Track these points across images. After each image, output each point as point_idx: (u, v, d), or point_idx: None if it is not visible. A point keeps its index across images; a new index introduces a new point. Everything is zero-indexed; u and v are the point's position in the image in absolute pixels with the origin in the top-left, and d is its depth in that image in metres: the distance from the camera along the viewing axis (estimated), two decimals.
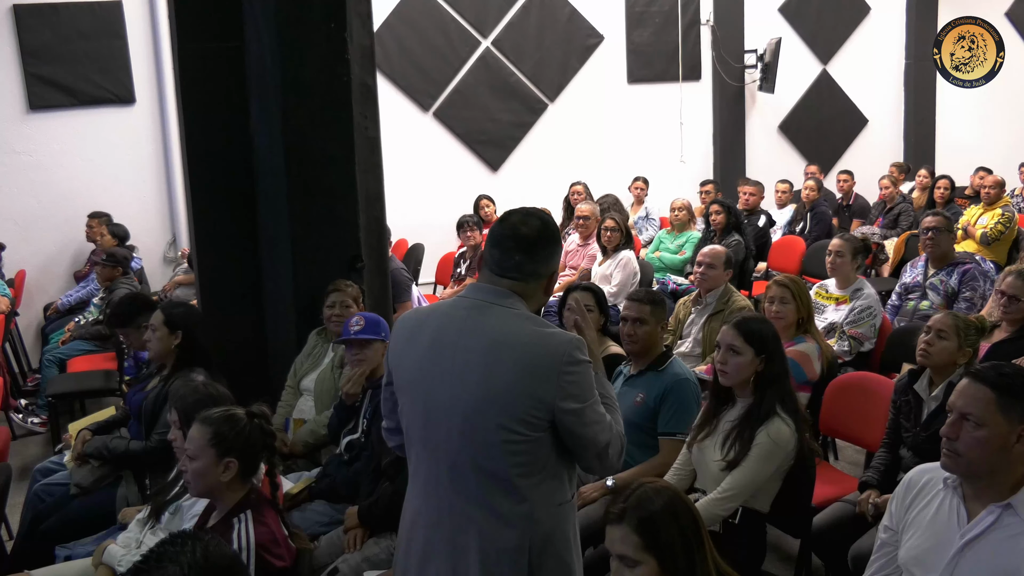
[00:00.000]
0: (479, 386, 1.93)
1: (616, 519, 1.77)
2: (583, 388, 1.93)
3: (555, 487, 1.99)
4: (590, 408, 1.94)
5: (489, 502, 1.95)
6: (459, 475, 1.98)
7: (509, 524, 1.95)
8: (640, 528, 1.74)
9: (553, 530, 1.99)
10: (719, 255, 4.65)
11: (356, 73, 3.93)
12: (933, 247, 4.93)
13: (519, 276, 2.00)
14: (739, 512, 2.76)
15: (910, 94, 10.51)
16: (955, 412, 2.03)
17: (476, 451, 1.94)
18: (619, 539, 1.76)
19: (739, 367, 2.85)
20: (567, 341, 1.94)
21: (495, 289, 2.00)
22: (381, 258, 4.29)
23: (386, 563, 2.92)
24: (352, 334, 3.35)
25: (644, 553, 1.73)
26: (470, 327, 1.98)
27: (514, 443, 1.92)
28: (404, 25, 8.48)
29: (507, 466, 1.93)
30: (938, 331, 3.17)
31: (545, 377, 1.90)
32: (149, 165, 7.54)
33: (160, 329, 3.60)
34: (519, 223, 2.02)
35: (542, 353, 1.91)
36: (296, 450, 3.68)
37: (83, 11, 7.21)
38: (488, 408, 1.92)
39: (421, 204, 8.22)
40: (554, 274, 2.09)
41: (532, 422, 1.91)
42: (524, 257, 2.00)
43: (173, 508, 2.80)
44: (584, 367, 1.94)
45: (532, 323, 1.97)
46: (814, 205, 7.73)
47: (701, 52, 9.59)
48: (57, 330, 6.39)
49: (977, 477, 2.04)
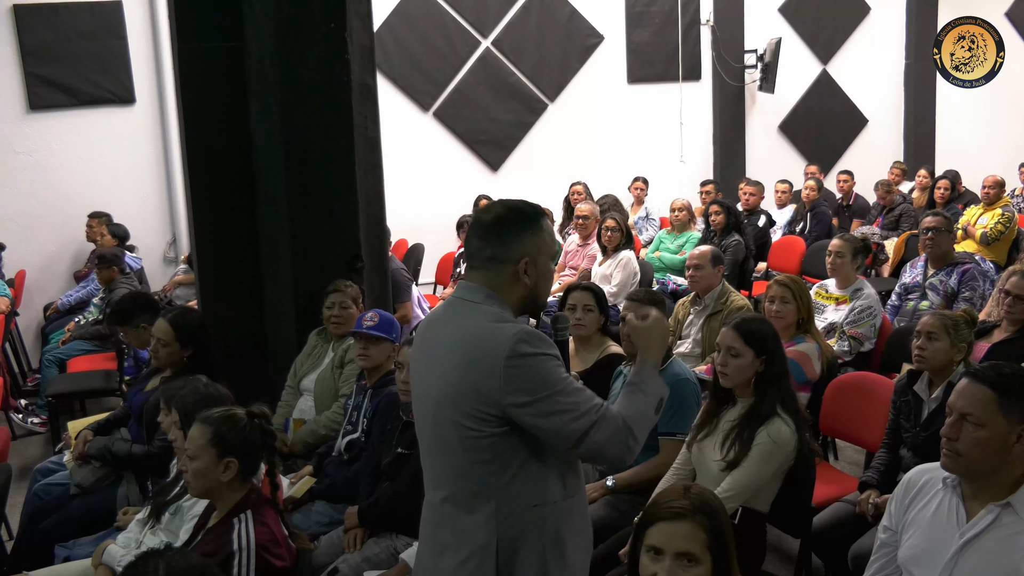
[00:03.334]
0: (441, 383, 1.95)
1: (678, 515, 1.75)
2: (534, 380, 1.86)
3: (530, 488, 1.93)
4: (547, 400, 1.85)
5: (459, 498, 1.96)
6: (437, 470, 2.01)
7: (475, 522, 1.93)
8: (708, 526, 1.74)
9: (525, 532, 1.93)
10: (704, 255, 4.67)
11: (356, 73, 3.93)
12: (933, 247, 4.93)
13: (481, 263, 1.99)
14: (739, 512, 2.76)
15: (910, 94, 10.51)
16: (955, 412, 2.03)
17: (444, 448, 1.96)
18: (684, 536, 1.73)
19: (739, 369, 2.84)
20: (512, 335, 1.87)
21: (468, 286, 2.02)
22: (381, 258, 4.29)
23: (386, 563, 2.92)
24: (364, 328, 3.36)
25: (707, 552, 1.73)
26: (443, 325, 2.03)
27: (470, 439, 1.91)
28: (404, 25, 8.48)
29: (469, 463, 1.93)
30: (928, 334, 3.17)
31: (488, 372, 1.86)
32: (149, 165, 7.54)
33: (171, 344, 3.60)
34: (482, 212, 2.04)
35: (486, 348, 1.88)
36: (296, 450, 3.68)
37: (83, 11, 7.20)
38: (446, 405, 1.93)
39: (421, 204, 8.23)
40: (525, 259, 1.96)
41: (482, 418, 1.88)
42: (481, 243, 1.98)
43: (173, 508, 2.80)
44: (533, 359, 1.86)
45: (488, 318, 1.93)
46: (814, 205, 7.73)
47: (701, 52, 9.59)
48: (57, 330, 6.39)
49: (977, 477, 2.04)
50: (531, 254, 1.98)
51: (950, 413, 2.05)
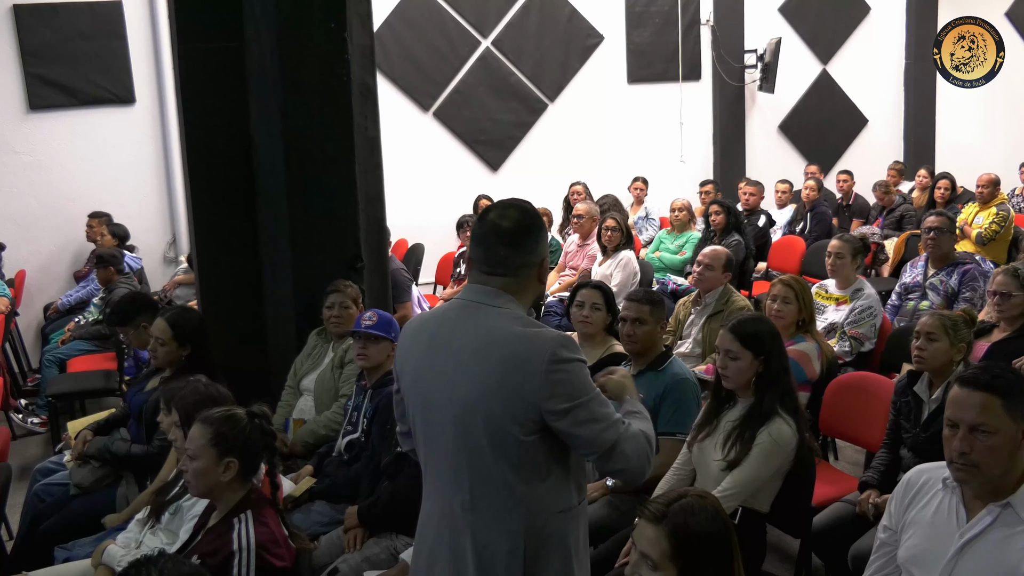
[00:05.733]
0: (470, 387, 1.92)
1: (653, 519, 1.75)
2: (573, 386, 1.88)
3: (556, 493, 1.96)
4: (583, 407, 1.88)
5: (483, 504, 1.94)
6: (456, 476, 1.97)
7: (502, 528, 1.93)
8: (674, 538, 1.72)
9: (551, 537, 1.95)
10: (719, 257, 4.64)
11: (356, 73, 3.93)
12: (935, 247, 4.92)
13: (507, 271, 1.98)
14: (739, 512, 2.76)
15: (910, 94, 10.50)
16: (963, 426, 1.98)
17: (470, 452, 1.94)
18: (649, 539, 1.74)
19: (739, 371, 2.84)
20: (552, 339, 1.90)
21: (486, 289, 1.99)
22: (381, 258, 4.29)
23: (386, 563, 2.92)
24: (363, 327, 3.36)
25: (668, 562, 1.72)
26: (462, 328, 1.98)
27: (505, 445, 1.90)
28: (404, 25, 8.48)
29: (500, 469, 1.91)
30: (927, 334, 3.17)
31: (530, 376, 1.86)
32: (149, 165, 7.54)
33: (169, 344, 3.60)
34: (498, 218, 1.99)
35: (527, 351, 1.88)
36: (296, 450, 3.68)
37: (83, 11, 7.21)
38: (478, 409, 1.91)
39: (421, 204, 8.22)
40: (545, 259, 2.04)
41: (521, 423, 1.89)
42: (509, 251, 1.97)
43: (173, 508, 2.81)
44: (574, 365, 1.89)
45: (520, 323, 1.95)
46: (814, 205, 7.73)
47: (701, 52, 9.59)
48: (57, 330, 6.39)
49: (991, 482, 2.02)
50: (545, 254, 2.04)
51: (953, 427, 2.01)
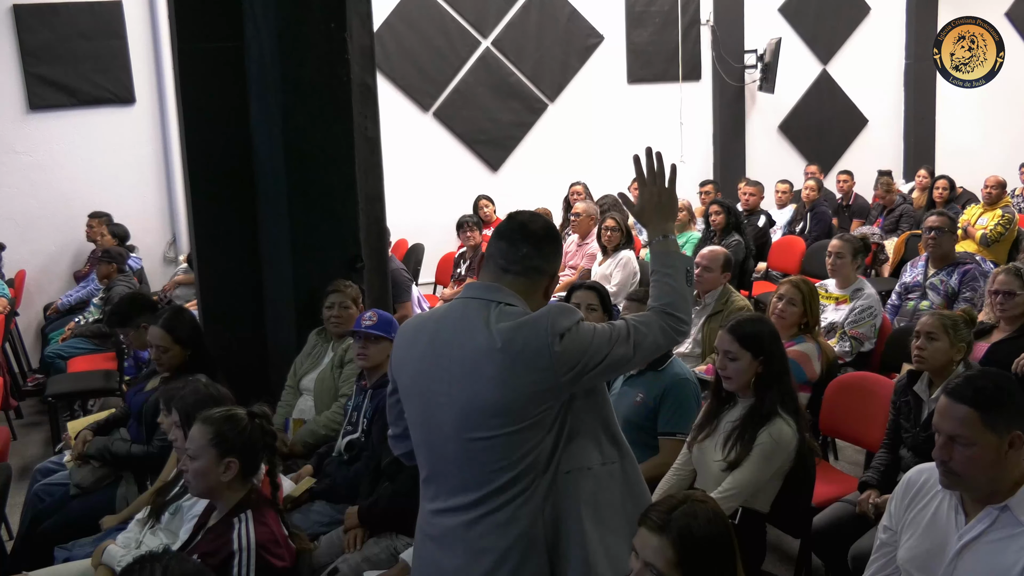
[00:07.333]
0: (473, 386, 1.92)
1: (656, 528, 1.73)
2: (577, 348, 1.91)
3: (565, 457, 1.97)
4: (592, 354, 1.92)
5: (483, 504, 1.95)
6: (455, 476, 1.98)
7: (503, 529, 1.93)
8: (679, 545, 1.70)
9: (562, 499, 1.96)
10: (717, 258, 4.63)
11: (356, 73, 3.93)
12: (935, 247, 4.92)
13: (523, 270, 2.00)
14: (739, 512, 2.76)
15: (910, 94, 10.50)
16: (942, 435, 1.99)
17: (470, 452, 1.94)
18: (653, 548, 1.72)
19: (738, 372, 2.84)
20: (547, 314, 1.93)
21: (493, 286, 1.99)
22: (381, 258, 4.29)
23: (386, 563, 2.92)
24: (363, 327, 3.36)
25: (674, 570, 1.71)
26: (464, 326, 1.97)
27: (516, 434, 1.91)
28: (404, 25, 8.49)
29: (508, 460, 1.92)
30: (927, 334, 3.17)
31: (540, 363, 1.88)
32: (149, 165, 7.54)
33: (171, 348, 3.59)
34: (527, 220, 2.06)
35: (529, 338, 1.90)
36: (296, 450, 3.68)
37: (83, 11, 7.21)
38: (481, 408, 1.91)
39: (421, 204, 8.22)
40: (555, 277, 2.09)
41: (530, 413, 1.90)
42: (532, 249, 2.01)
43: (173, 508, 2.81)
44: (574, 329, 1.92)
45: (516, 316, 1.95)
46: (814, 205, 7.73)
47: (701, 52, 9.59)
48: (57, 330, 6.39)
49: (978, 490, 2.03)
50: (556, 272, 2.09)
51: (938, 433, 2.02)
